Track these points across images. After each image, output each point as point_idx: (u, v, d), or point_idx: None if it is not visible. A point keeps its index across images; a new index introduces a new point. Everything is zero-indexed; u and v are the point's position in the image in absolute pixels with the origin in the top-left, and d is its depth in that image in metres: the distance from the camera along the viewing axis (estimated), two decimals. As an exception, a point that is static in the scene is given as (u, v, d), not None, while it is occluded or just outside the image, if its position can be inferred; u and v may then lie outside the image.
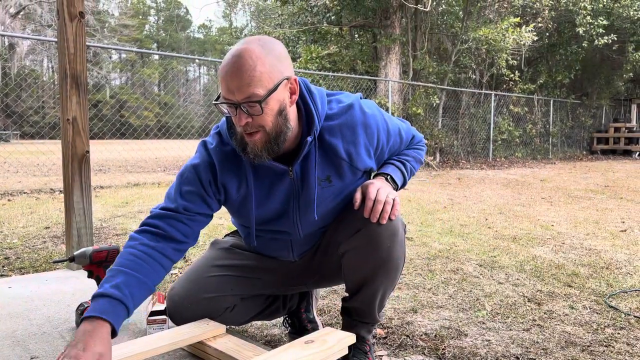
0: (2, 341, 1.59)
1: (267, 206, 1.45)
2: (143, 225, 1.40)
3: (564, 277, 2.64)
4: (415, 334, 1.90)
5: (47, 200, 5.55)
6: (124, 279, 1.27)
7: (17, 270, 2.74)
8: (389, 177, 1.48)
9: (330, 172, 1.43)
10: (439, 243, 3.45)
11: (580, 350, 1.75)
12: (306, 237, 1.52)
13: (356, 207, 1.40)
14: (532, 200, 5.68)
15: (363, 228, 1.39)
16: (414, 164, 1.60)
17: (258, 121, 1.26)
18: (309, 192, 1.42)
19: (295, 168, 1.40)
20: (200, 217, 1.43)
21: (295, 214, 1.46)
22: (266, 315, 1.73)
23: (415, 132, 1.64)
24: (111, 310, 1.21)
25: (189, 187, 1.42)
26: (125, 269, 1.29)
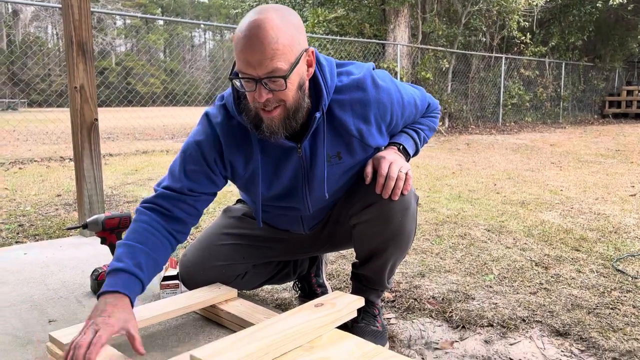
0: (21, 305, 1.64)
1: (275, 184, 1.41)
2: (149, 203, 1.38)
3: (571, 242, 2.65)
4: (422, 298, 1.93)
5: (57, 168, 5.60)
6: (142, 258, 1.28)
7: (31, 237, 2.80)
8: (401, 147, 1.45)
9: (340, 149, 1.37)
10: (447, 209, 3.46)
11: (586, 313, 1.78)
12: (316, 211, 1.51)
13: (367, 182, 1.37)
14: (541, 165, 5.65)
15: (375, 202, 1.38)
16: (427, 132, 1.56)
17: (279, 96, 1.19)
18: (318, 170, 1.38)
19: (304, 145, 1.34)
20: (206, 196, 1.41)
21: (304, 191, 1.42)
22: (277, 280, 1.76)
23: (430, 99, 1.59)
24: (130, 285, 1.24)
25: (194, 166, 1.37)
26: (141, 246, 1.29)
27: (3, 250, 2.32)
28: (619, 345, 1.54)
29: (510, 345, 1.57)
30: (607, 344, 1.55)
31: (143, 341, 1.37)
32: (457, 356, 1.51)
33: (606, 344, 1.55)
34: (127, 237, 1.32)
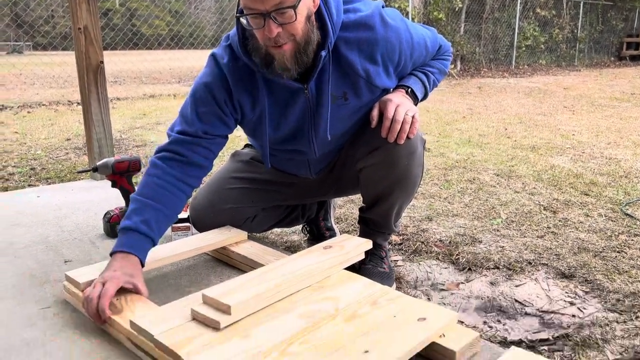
0: (36, 246, 1.68)
1: (282, 126, 1.40)
2: (163, 152, 1.37)
3: (581, 186, 2.64)
4: (429, 241, 1.95)
5: (65, 112, 5.60)
6: (152, 214, 1.29)
7: (43, 180, 2.83)
8: (409, 90, 1.42)
9: (346, 89, 1.35)
10: (457, 153, 3.44)
11: (592, 256, 1.79)
12: (323, 155, 1.51)
13: (373, 125, 1.35)
14: (554, 109, 5.55)
15: (381, 146, 1.37)
16: (437, 75, 1.52)
17: (289, 30, 1.16)
18: (324, 111, 1.35)
19: (310, 85, 1.32)
20: (219, 138, 1.40)
21: (310, 133, 1.41)
22: (286, 224, 1.78)
23: (442, 40, 1.54)
24: (139, 245, 1.26)
25: (205, 107, 1.36)
26: (152, 201, 1.30)
27: (16, 193, 2.36)
28: (624, 287, 1.56)
29: (515, 287, 1.59)
30: (611, 286, 1.57)
31: (157, 281, 1.41)
32: (463, 297, 1.54)
33: (611, 286, 1.57)
34: (138, 192, 1.32)
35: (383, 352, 0.94)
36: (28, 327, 1.18)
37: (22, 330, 1.17)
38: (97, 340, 1.12)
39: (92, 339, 1.13)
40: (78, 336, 1.14)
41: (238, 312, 1.04)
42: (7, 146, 3.76)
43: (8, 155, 3.47)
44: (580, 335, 1.32)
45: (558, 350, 1.26)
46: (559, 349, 1.26)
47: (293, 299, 1.15)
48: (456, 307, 1.48)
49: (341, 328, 1.03)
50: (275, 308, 1.11)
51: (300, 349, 0.95)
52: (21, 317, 1.23)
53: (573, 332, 1.33)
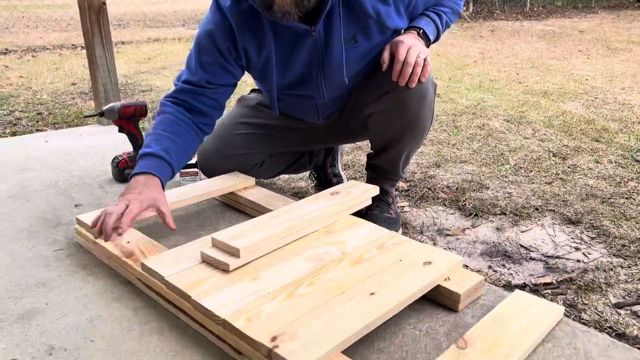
0: (48, 190, 1.70)
1: (290, 70, 1.37)
2: (171, 98, 1.38)
3: (592, 132, 2.61)
4: (437, 187, 1.95)
5: (70, 56, 5.53)
6: (170, 144, 1.30)
7: (50, 125, 2.83)
8: (421, 32, 1.37)
9: (356, 31, 1.31)
10: (467, 99, 3.39)
11: (600, 202, 1.79)
12: (332, 100, 1.48)
13: (384, 68, 1.32)
14: (568, 53, 5.40)
15: (391, 91, 1.34)
16: (450, 16, 1.46)
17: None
18: (333, 54, 1.32)
19: (318, 27, 1.28)
20: (224, 87, 1.39)
21: (319, 77, 1.38)
22: (293, 170, 1.78)
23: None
24: (160, 168, 1.26)
25: (208, 57, 1.34)
26: (169, 134, 1.31)
27: (25, 137, 2.37)
28: (630, 233, 1.57)
29: (521, 232, 1.60)
30: (617, 232, 1.57)
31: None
32: (468, 242, 1.55)
33: (617, 232, 1.58)
34: (154, 128, 1.34)
35: (388, 294, 0.96)
36: (43, 268, 1.21)
37: (37, 271, 1.20)
38: (110, 281, 1.16)
39: (105, 279, 1.16)
40: (91, 277, 1.17)
41: (247, 255, 1.06)
42: (13, 91, 3.74)
43: (14, 99, 3.46)
44: (583, 279, 1.33)
45: (561, 294, 1.28)
46: (562, 292, 1.28)
47: (301, 243, 1.16)
48: (462, 252, 1.50)
49: (348, 271, 1.04)
50: (283, 251, 1.12)
51: (307, 291, 0.97)
52: (36, 258, 1.26)
53: (577, 277, 1.35)
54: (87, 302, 1.08)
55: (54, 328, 0.99)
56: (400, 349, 0.93)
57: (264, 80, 1.43)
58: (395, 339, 0.96)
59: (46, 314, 1.03)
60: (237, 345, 0.88)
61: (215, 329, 0.92)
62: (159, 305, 1.06)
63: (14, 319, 1.02)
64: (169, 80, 4.15)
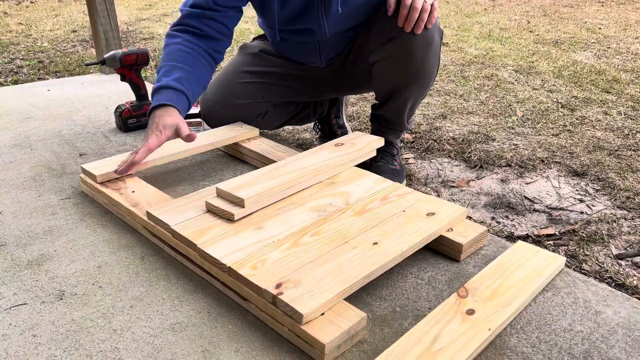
0: (52, 139, 1.70)
1: (291, 1, 1.35)
2: (178, 25, 1.35)
3: (602, 83, 2.55)
4: (442, 139, 1.94)
5: (69, 2, 5.39)
6: (182, 74, 1.28)
7: (52, 73, 2.80)
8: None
9: None
10: (475, 48, 3.31)
11: (607, 154, 1.78)
12: (333, 38, 1.45)
13: (390, 12, 1.29)
14: (582, 1, 5.22)
15: (396, 37, 1.31)
16: None
17: None
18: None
19: None
20: (232, 11, 1.36)
21: (320, 8, 1.36)
22: (297, 121, 1.77)
23: None
24: (177, 99, 1.25)
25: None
26: (179, 64, 1.28)
27: (27, 86, 2.35)
28: (635, 186, 1.56)
29: (526, 184, 1.60)
30: (622, 184, 1.57)
31: (171, 175, 1.43)
32: (472, 194, 1.56)
33: (622, 184, 1.57)
34: (164, 59, 1.32)
35: (391, 243, 0.97)
36: (50, 216, 1.23)
37: (45, 219, 1.22)
38: (116, 229, 1.17)
39: (111, 228, 1.18)
40: (98, 225, 1.19)
41: (251, 204, 1.06)
42: (13, 38, 3.67)
43: (15, 47, 3.41)
44: (586, 231, 1.34)
45: (563, 245, 1.29)
46: (564, 243, 1.29)
47: (304, 194, 1.17)
48: (465, 203, 1.51)
49: (351, 221, 1.05)
50: (287, 202, 1.13)
51: (311, 240, 0.98)
52: (43, 206, 1.27)
53: (579, 228, 1.35)
54: (94, 249, 1.09)
55: (63, 274, 1.01)
56: (402, 296, 0.95)
57: (264, 11, 1.41)
58: (397, 287, 0.97)
59: (55, 261, 1.05)
60: (242, 292, 0.90)
61: (221, 277, 0.94)
62: (165, 253, 1.08)
63: (24, 266, 1.04)
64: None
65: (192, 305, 0.92)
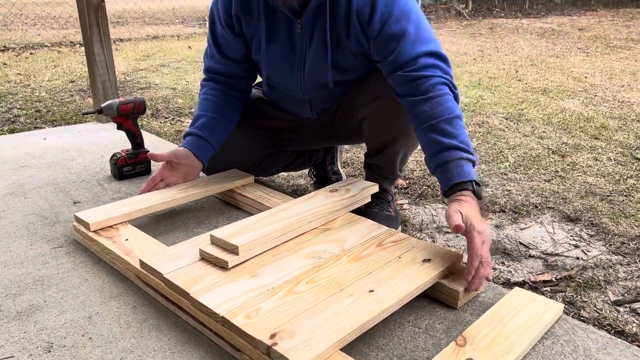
0: (46, 187, 1.69)
1: (272, 55, 1.39)
2: (204, 79, 1.54)
3: (591, 130, 2.60)
4: (436, 184, 1.95)
5: (68, 53, 5.51)
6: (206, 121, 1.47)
7: (49, 122, 2.83)
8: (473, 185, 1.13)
9: (339, 35, 1.30)
10: (466, 96, 3.38)
11: (599, 200, 1.79)
12: (322, 97, 1.48)
13: (453, 230, 1.05)
14: (567, 51, 5.39)
15: (383, 95, 1.34)
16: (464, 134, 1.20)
17: None
18: (314, 52, 1.33)
19: (304, 21, 1.29)
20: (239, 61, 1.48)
21: (299, 73, 1.39)
22: (292, 168, 1.78)
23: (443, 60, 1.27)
24: (198, 145, 1.45)
25: (215, 30, 1.45)
26: (207, 112, 1.47)
27: (23, 135, 2.36)
28: (629, 231, 1.57)
29: (520, 230, 1.60)
30: (617, 229, 1.57)
31: (165, 222, 1.42)
32: (468, 239, 1.55)
33: (616, 229, 1.57)
34: (197, 108, 1.51)
35: (388, 291, 0.96)
36: (41, 265, 1.21)
37: (35, 268, 1.20)
38: (108, 278, 1.15)
39: (103, 277, 1.16)
40: (90, 275, 1.17)
41: (245, 252, 1.06)
42: (12, 88, 3.72)
43: (13, 97, 3.45)
44: (583, 277, 1.33)
45: (560, 291, 1.28)
46: (562, 290, 1.28)
47: (299, 241, 1.16)
48: (461, 248, 1.50)
49: (347, 268, 1.04)
50: (281, 249, 1.12)
51: (306, 288, 0.97)
52: (34, 255, 1.26)
53: (576, 274, 1.34)
54: (85, 299, 1.07)
55: (52, 325, 0.99)
56: (399, 345, 0.93)
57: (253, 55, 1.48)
58: (394, 336, 0.96)
59: (44, 312, 1.03)
60: (235, 343, 0.88)
61: (214, 327, 0.92)
62: (158, 302, 1.06)
63: (12, 317, 1.02)
64: (168, 78, 4.14)
65: (184, 357, 0.90)
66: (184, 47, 5.96)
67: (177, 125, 2.81)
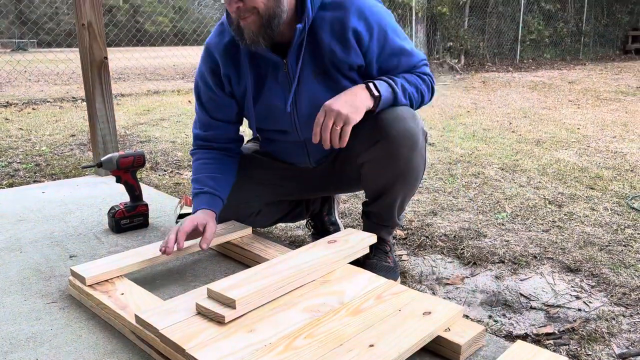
0: (42, 241, 1.68)
1: (263, 100, 1.43)
2: (194, 147, 1.56)
3: (586, 180, 2.63)
4: (434, 235, 1.95)
5: (70, 108, 5.61)
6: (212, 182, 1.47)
7: (48, 176, 2.84)
8: (371, 85, 1.32)
9: (324, 67, 1.36)
10: (461, 148, 3.43)
11: (598, 250, 1.78)
12: (310, 139, 1.50)
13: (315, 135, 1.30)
14: (559, 103, 5.52)
15: (382, 139, 1.36)
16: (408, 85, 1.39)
17: (249, 4, 1.24)
18: (304, 87, 1.38)
19: (289, 59, 1.36)
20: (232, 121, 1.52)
21: (292, 110, 1.43)
22: (290, 219, 1.78)
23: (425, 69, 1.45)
24: (212, 202, 1.45)
25: (205, 96, 1.49)
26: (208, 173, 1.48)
27: (22, 189, 2.37)
28: (630, 281, 1.55)
29: (520, 281, 1.59)
30: (617, 280, 1.56)
31: (161, 276, 1.41)
32: (468, 291, 1.54)
33: (617, 280, 1.56)
34: (194, 174, 1.51)
35: (388, 345, 0.94)
36: (34, 322, 1.18)
37: (28, 324, 1.17)
38: (103, 334, 1.13)
39: (98, 333, 1.14)
40: (84, 331, 1.15)
41: (243, 306, 1.04)
42: (13, 143, 3.77)
43: (13, 151, 3.48)
44: (586, 329, 1.31)
45: (564, 344, 1.25)
46: (565, 342, 1.26)
47: (297, 293, 1.15)
48: (461, 301, 1.48)
49: (346, 322, 1.02)
50: (279, 302, 1.11)
51: (305, 343, 0.95)
52: (27, 311, 1.23)
53: (579, 326, 1.32)
54: (78, 356, 1.05)
55: (43, 384, 0.96)
56: (401, 403, 0.90)
57: (244, 110, 1.52)
58: (395, 392, 0.93)
59: (36, 370, 1.00)
60: (232, 401, 0.85)
61: (210, 384, 0.90)
62: (152, 359, 1.03)
63: (2, 375, 0.99)
64: (168, 131, 4.20)
65: (178, 417, 0.87)
66: (184, 102, 6.08)
67: (176, 178, 2.83)
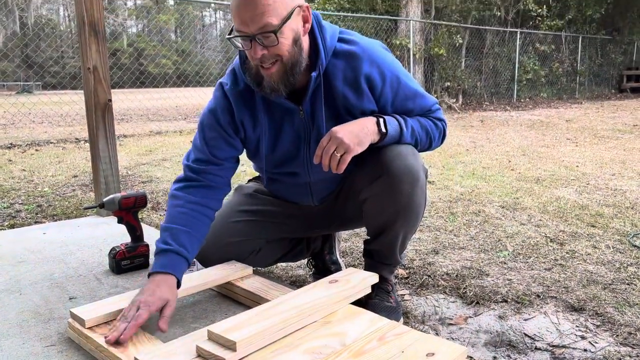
0: (42, 283, 1.67)
1: (279, 146, 1.45)
2: (180, 182, 1.47)
3: (587, 218, 2.63)
4: (436, 274, 1.94)
5: (73, 149, 5.66)
6: (184, 237, 1.36)
7: (50, 217, 2.85)
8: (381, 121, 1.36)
9: (337, 112, 1.39)
10: (461, 186, 3.44)
11: (601, 288, 1.77)
12: (322, 181, 1.52)
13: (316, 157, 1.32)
14: (557, 141, 5.57)
15: (383, 175, 1.38)
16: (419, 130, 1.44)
17: (274, 52, 1.24)
18: (319, 131, 1.40)
19: (304, 106, 1.39)
20: (229, 163, 1.48)
21: (305, 154, 1.45)
22: (290, 258, 1.78)
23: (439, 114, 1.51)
24: (176, 265, 1.33)
25: (211, 132, 1.45)
26: (180, 226, 1.37)
27: (23, 230, 2.37)
28: (635, 320, 1.53)
29: (524, 320, 1.57)
30: (622, 319, 1.54)
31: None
32: (471, 331, 1.52)
33: (622, 319, 1.54)
34: (166, 221, 1.40)
35: (391, 388, 0.92)
36: (32, 366, 1.17)
37: (25, 368, 1.16)
38: (101, 378, 1.11)
39: (96, 377, 1.12)
40: (82, 374, 1.13)
41: (244, 348, 1.03)
42: (15, 184, 3.79)
43: (15, 192, 3.50)
44: (592, 370, 1.29)
45: (570, 385, 1.23)
46: (572, 384, 1.23)
47: (299, 335, 1.13)
48: (465, 341, 1.46)
49: (348, 364, 1.01)
50: (281, 344, 1.09)
51: (306, 386, 0.93)
52: (25, 355, 1.22)
53: (585, 367, 1.30)
54: (75, 401, 1.03)
55: None
56: None
57: (256, 156, 1.52)
58: None
59: (32, 416, 0.98)
60: None
61: None
62: (151, 404, 1.01)
63: (-3, 422, 0.97)
64: (170, 171, 4.23)
65: None
66: (186, 142, 6.14)
67: (177, 218, 2.82)
